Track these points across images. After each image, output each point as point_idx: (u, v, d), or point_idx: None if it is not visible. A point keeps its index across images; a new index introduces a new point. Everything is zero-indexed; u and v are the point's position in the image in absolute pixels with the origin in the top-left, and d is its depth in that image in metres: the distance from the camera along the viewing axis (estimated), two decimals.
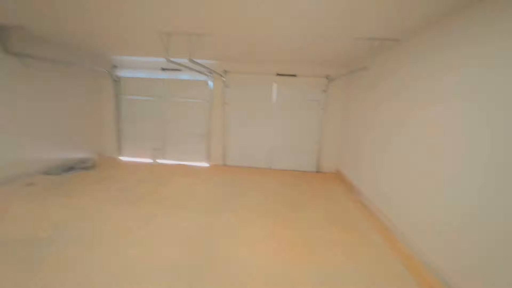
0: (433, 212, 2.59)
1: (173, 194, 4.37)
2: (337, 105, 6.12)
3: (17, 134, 4.53)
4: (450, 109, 2.46)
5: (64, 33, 4.15)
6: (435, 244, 2.51)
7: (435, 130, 2.65)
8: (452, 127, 2.42)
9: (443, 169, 2.48)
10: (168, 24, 3.34)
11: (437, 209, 2.53)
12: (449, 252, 2.33)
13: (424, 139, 2.81)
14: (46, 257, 2.52)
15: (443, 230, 2.41)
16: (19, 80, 4.48)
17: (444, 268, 2.36)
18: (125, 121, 6.72)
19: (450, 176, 2.40)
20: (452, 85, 2.48)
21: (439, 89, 2.65)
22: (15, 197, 3.84)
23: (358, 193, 4.64)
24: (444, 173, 2.47)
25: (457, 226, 2.27)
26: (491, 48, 2.09)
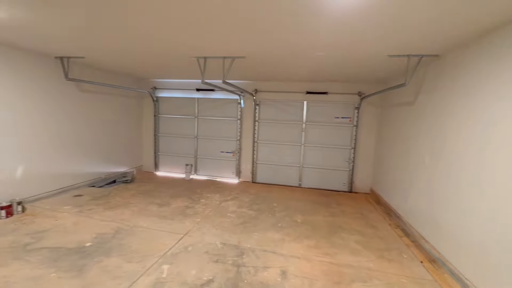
0: (503, 248, 2.28)
1: (205, 210, 4.46)
2: (370, 122, 5.89)
3: (70, 149, 5.06)
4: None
5: (114, 62, 4.66)
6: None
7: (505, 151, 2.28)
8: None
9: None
10: (205, 50, 3.58)
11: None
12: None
13: (492, 162, 2.35)
14: (89, 264, 2.69)
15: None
16: (74, 102, 5.07)
17: None
18: (162, 138, 7.16)
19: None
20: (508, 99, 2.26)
21: (497, 105, 2.43)
22: (65, 207, 4.22)
23: (397, 217, 4.31)
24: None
25: None
26: None
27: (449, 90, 3.12)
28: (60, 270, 2.61)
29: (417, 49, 3.14)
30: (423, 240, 3.40)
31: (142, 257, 2.91)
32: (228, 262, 2.90)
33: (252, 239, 3.46)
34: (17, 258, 2.77)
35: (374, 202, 5.32)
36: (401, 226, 4.06)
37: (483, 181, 2.44)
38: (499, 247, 2.19)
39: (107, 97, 5.89)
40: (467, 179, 2.67)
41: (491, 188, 2.33)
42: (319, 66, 4.27)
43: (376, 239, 3.63)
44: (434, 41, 2.85)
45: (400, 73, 4.49)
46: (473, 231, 2.51)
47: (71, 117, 5.02)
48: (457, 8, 2.05)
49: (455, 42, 2.84)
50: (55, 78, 4.60)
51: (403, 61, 3.56)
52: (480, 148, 2.52)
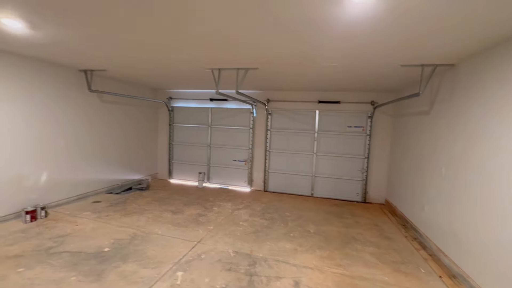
0: None
1: (217, 218, 4.51)
2: (384, 131, 5.82)
3: (89, 157, 5.29)
4: None
5: (133, 74, 4.91)
6: None
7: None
8: None
9: None
10: (219, 62, 3.72)
11: None
12: None
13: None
14: (108, 269, 2.79)
15: None
16: (96, 112, 5.34)
17: None
18: (176, 146, 7.35)
19: None
20: None
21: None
22: (84, 213, 4.39)
23: (413, 229, 4.18)
24: None
25: None
26: None
27: (466, 100, 3.07)
28: (80, 274, 2.71)
29: (431, 59, 3.13)
30: (441, 254, 3.28)
31: (157, 263, 2.98)
32: (241, 271, 2.91)
33: (265, 248, 3.47)
34: (41, 261, 2.91)
35: (389, 213, 5.19)
36: (418, 239, 3.94)
37: (504, 194, 2.37)
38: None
39: (126, 107, 6.15)
40: (487, 191, 2.59)
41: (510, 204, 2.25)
42: (331, 76, 4.31)
43: (391, 252, 3.54)
44: (448, 51, 2.84)
45: (414, 82, 4.45)
46: (497, 247, 2.41)
47: (92, 126, 5.27)
48: (472, 18, 2.06)
49: (471, 51, 2.82)
50: (79, 89, 4.88)
51: (416, 71, 3.55)
52: (499, 159, 2.45)
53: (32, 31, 2.77)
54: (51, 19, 2.42)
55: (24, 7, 2.19)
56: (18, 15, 2.36)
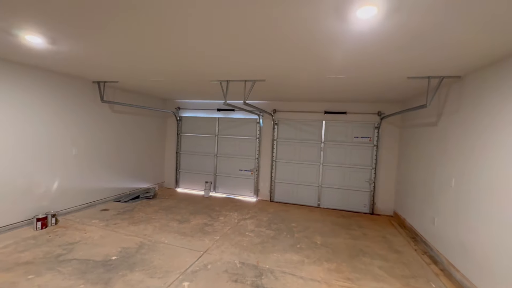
0: None
1: (224, 228, 4.51)
2: (391, 142, 5.79)
3: (99, 165, 5.41)
4: None
5: (144, 85, 5.06)
6: None
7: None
8: None
9: None
10: (227, 74, 3.82)
11: None
12: None
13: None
14: (115, 278, 2.81)
15: None
16: (107, 122, 5.50)
17: None
18: (183, 156, 7.44)
19: None
20: None
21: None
22: (93, 220, 4.46)
23: (423, 243, 4.09)
24: None
25: None
26: None
27: (474, 111, 3.06)
28: (88, 282, 2.74)
29: (437, 71, 3.15)
30: (453, 269, 3.20)
31: (164, 273, 2.98)
32: (247, 282, 2.89)
33: (271, 260, 3.44)
34: (50, 268, 2.95)
35: (397, 225, 5.09)
36: (428, 252, 3.85)
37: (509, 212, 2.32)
38: None
39: (135, 117, 6.31)
40: (498, 204, 2.54)
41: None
42: (338, 87, 4.36)
43: (401, 265, 3.46)
44: (454, 64, 2.87)
45: (421, 93, 4.46)
46: (508, 261, 2.35)
47: (103, 135, 5.42)
48: (475, 35, 2.09)
49: (477, 65, 2.84)
50: (92, 100, 5.05)
51: (423, 82, 3.57)
52: (509, 171, 2.42)
53: (51, 45, 2.92)
54: (68, 34, 2.56)
55: (47, 25, 2.33)
56: (40, 32, 2.51)
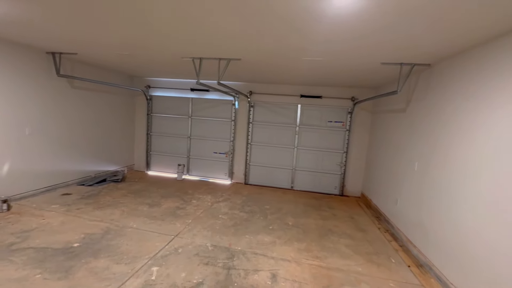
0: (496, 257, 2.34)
1: (196, 211, 4.44)
2: (363, 127, 5.98)
3: (59, 146, 4.95)
4: (502, 136, 2.30)
5: (108, 59, 4.59)
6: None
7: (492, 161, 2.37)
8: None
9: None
10: (200, 51, 3.57)
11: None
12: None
13: (479, 171, 2.43)
14: (77, 266, 2.64)
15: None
16: (65, 99, 4.97)
17: None
18: (154, 137, 7.08)
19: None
20: (496, 108, 2.34)
21: (486, 114, 2.50)
22: (52, 206, 4.13)
23: (386, 222, 4.38)
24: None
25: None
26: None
27: (439, 99, 3.21)
28: (46, 271, 2.55)
29: (410, 58, 3.21)
30: (411, 245, 3.47)
31: (131, 258, 2.87)
32: (219, 264, 2.89)
33: (243, 242, 3.47)
34: (1, 258, 2.69)
35: (364, 206, 5.40)
36: (390, 230, 4.14)
37: (469, 189, 2.52)
38: (485, 255, 2.25)
39: (100, 95, 5.79)
40: (455, 186, 2.74)
41: (478, 196, 2.40)
42: (315, 70, 4.32)
43: (365, 243, 3.68)
44: (426, 51, 2.93)
45: (392, 80, 4.58)
46: (459, 238, 2.58)
47: (62, 114, 4.91)
48: (450, 20, 2.11)
49: (446, 53, 2.92)
50: (46, 73, 4.50)
51: (395, 69, 3.64)
52: (468, 156, 2.60)
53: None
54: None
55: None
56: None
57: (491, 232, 2.20)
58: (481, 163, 2.39)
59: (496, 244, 2.13)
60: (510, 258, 1.99)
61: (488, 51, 2.46)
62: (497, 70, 2.33)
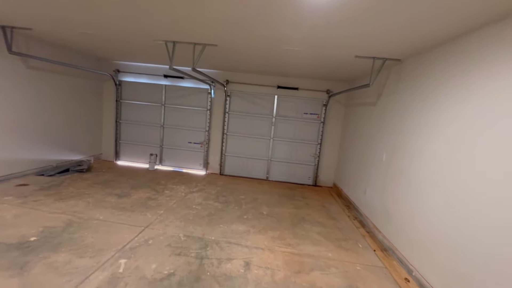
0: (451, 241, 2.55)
1: (169, 202, 4.30)
2: (336, 119, 6.16)
3: (12, 133, 4.47)
4: (463, 127, 2.47)
5: (69, 37, 4.18)
6: (443, 275, 2.47)
7: (446, 153, 2.62)
8: (465, 148, 2.42)
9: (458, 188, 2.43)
10: (173, 33, 3.38)
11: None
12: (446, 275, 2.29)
13: (439, 162, 2.67)
14: (33, 261, 2.43)
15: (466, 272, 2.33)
16: (19, 80, 4.47)
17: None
18: (124, 125, 6.69)
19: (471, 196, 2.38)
20: (461, 103, 2.51)
21: (449, 108, 2.67)
22: (5, 198, 3.74)
23: (355, 210, 4.60)
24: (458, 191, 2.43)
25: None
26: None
27: (407, 93, 3.37)
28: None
29: (382, 53, 3.32)
30: (376, 231, 3.69)
31: (97, 251, 2.71)
32: (191, 254, 2.84)
33: (217, 231, 3.43)
34: None
35: (336, 195, 5.62)
36: (358, 218, 4.36)
37: (428, 179, 2.70)
38: (437, 240, 2.45)
39: (62, 77, 5.29)
40: (416, 176, 2.93)
41: (437, 185, 2.59)
42: (292, 61, 4.30)
43: (335, 230, 3.84)
44: (396, 47, 3.04)
45: (365, 75, 4.73)
46: (418, 223, 2.78)
47: (16, 96, 4.42)
48: (420, 18, 2.19)
49: (415, 48, 3.05)
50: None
51: (368, 63, 3.75)
52: (430, 148, 2.77)
53: None
54: None
55: None
56: None
57: (444, 220, 2.39)
58: (438, 155, 2.57)
59: (448, 231, 2.32)
60: (456, 242, 2.19)
61: (454, 47, 2.60)
62: (460, 66, 2.48)
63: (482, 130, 2.13)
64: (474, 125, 2.21)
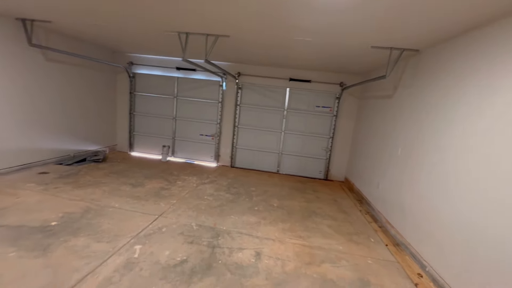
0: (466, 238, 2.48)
1: (181, 192, 4.39)
2: (350, 112, 6.04)
3: (34, 123, 4.66)
4: (485, 121, 2.37)
5: (85, 29, 4.26)
6: (456, 271, 2.42)
7: (471, 147, 2.46)
8: (487, 142, 2.33)
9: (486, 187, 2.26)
10: (186, 24, 3.38)
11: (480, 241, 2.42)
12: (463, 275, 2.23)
13: (458, 159, 2.55)
14: (55, 244, 2.55)
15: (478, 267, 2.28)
16: (39, 72, 4.62)
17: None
18: (138, 117, 6.82)
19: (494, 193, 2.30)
20: (486, 96, 2.40)
21: (474, 102, 2.56)
22: (28, 184, 3.93)
23: (367, 204, 4.54)
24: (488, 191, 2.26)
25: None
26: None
27: (425, 85, 3.25)
28: (21, 249, 2.45)
29: (400, 43, 3.20)
30: (389, 226, 3.63)
31: (113, 237, 2.81)
32: (203, 243, 2.90)
33: (228, 222, 3.48)
34: None
35: (347, 190, 5.56)
36: (370, 213, 4.30)
37: (448, 175, 2.62)
38: (452, 236, 2.39)
39: (78, 69, 5.43)
40: (434, 172, 2.84)
41: (455, 182, 2.51)
42: (305, 51, 4.22)
43: (347, 224, 3.81)
44: (416, 36, 2.92)
45: (381, 66, 4.59)
46: (435, 219, 2.71)
47: (36, 87, 4.58)
48: (440, 5, 2.09)
49: (435, 38, 2.92)
50: (15, 42, 4.13)
51: (385, 53, 3.63)
52: (444, 146, 2.68)
53: None
54: None
55: None
56: None
57: (467, 214, 2.31)
58: (462, 151, 2.48)
59: (468, 228, 2.25)
60: (477, 241, 2.12)
61: (476, 38, 2.47)
62: (485, 58, 2.36)
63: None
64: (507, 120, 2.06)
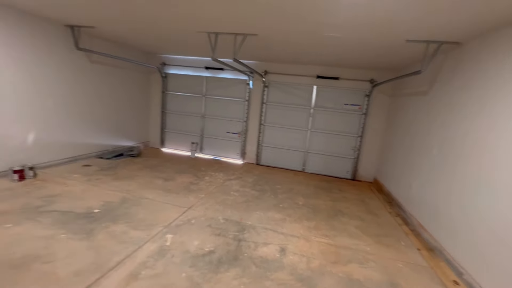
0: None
1: (209, 187, 4.55)
2: (380, 111, 5.79)
3: (78, 119, 5.13)
4: None
5: (124, 33, 4.59)
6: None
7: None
8: None
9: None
10: (216, 24, 3.49)
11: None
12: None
13: (501, 162, 2.33)
14: (97, 229, 2.82)
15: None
16: (84, 73, 5.08)
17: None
18: (169, 115, 7.18)
19: None
20: None
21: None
22: (74, 175, 4.35)
23: (398, 206, 4.34)
24: None
25: None
26: None
27: (466, 81, 3.02)
28: (69, 232, 2.74)
29: (438, 35, 3.01)
30: (422, 229, 3.44)
31: (148, 225, 3.02)
32: (230, 236, 3.00)
33: (254, 217, 3.55)
34: (30, 218, 2.90)
35: (376, 191, 5.35)
36: (401, 215, 4.10)
37: (488, 178, 2.42)
38: (496, 242, 2.21)
39: (116, 70, 5.87)
40: (474, 174, 2.64)
41: (495, 186, 2.31)
42: (334, 48, 4.14)
43: (375, 225, 3.69)
44: (456, 27, 2.72)
45: (415, 61, 4.34)
46: (473, 225, 2.52)
47: (81, 87, 5.04)
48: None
49: (479, 29, 2.70)
50: (66, 47, 4.58)
51: (420, 48, 3.43)
52: (489, 145, 2.47)
53: None
54: None
55: None
56: None
57: (505, 223, 2.13)
58: (505, 155, 2.27)
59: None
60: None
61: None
62: None
63: None
64: None
